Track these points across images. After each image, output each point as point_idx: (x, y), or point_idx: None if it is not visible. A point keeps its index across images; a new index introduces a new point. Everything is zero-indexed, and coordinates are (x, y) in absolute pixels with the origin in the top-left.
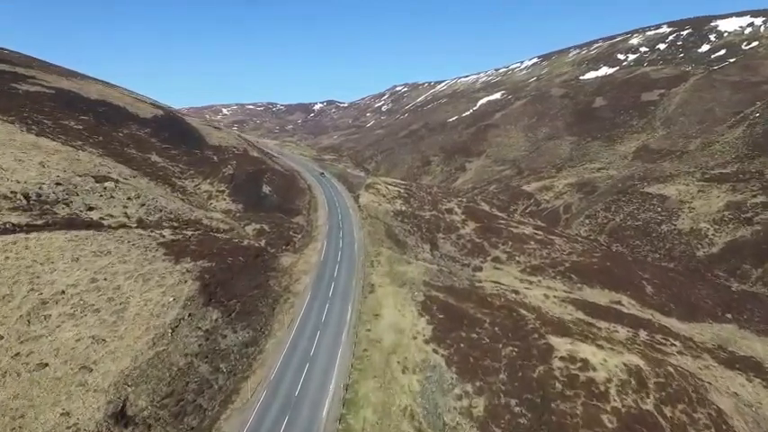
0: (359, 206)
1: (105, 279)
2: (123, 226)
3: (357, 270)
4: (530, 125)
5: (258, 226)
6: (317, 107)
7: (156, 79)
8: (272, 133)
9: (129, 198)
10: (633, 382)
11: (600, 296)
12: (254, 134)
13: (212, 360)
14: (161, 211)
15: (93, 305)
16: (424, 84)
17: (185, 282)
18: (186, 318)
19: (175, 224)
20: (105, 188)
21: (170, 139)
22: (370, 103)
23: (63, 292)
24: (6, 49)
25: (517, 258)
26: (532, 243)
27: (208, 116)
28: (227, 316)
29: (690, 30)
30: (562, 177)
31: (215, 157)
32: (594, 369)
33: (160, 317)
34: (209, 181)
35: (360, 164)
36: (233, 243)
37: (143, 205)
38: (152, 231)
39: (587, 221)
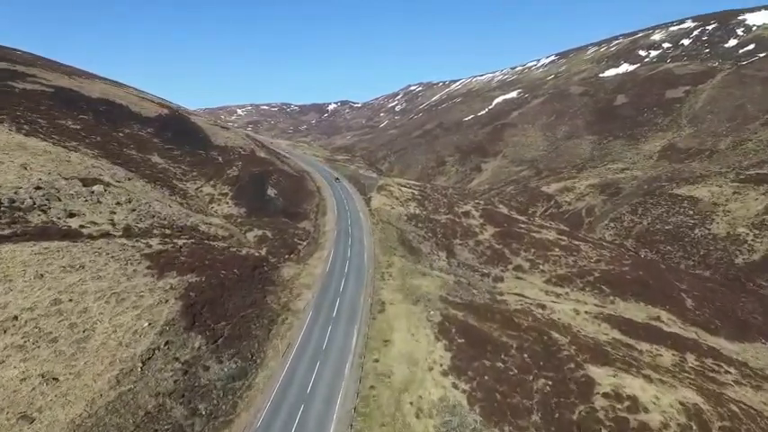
0: (370, 210)
1: (71, 300)
2: (106, 235)
3: (366, 284)
4: (548, 124)
5: (260, 232)
6: (330, 107)
7: (171, 81)
8: (286, 134)
9: (118, 203)
10: (695, 427)
11: (635, 311)
12: (267, 134)
13: (190, 400)
14: (153, 216)
15: (51, 333)
16: (438, 83)
17: (166, 302)
18: (162, 347)
19: (168, 231)
20: (93, 192)
21: (173, 139)
22: (383, 103)
23: (16, 318)
24: (17, 50)
25: (541, 267)
26: (556, 249)
27: (223, 117)
28: (213, 342)
29: (716, 24)
30: (583, 178)
31: (220, 158)
32: (646, 410)
33: (130, 347)
34: (212, 183)
35: (373, 164)
36: (230, 253)
37: (133, 210)
38: (138, 240)
39: (612, 225)
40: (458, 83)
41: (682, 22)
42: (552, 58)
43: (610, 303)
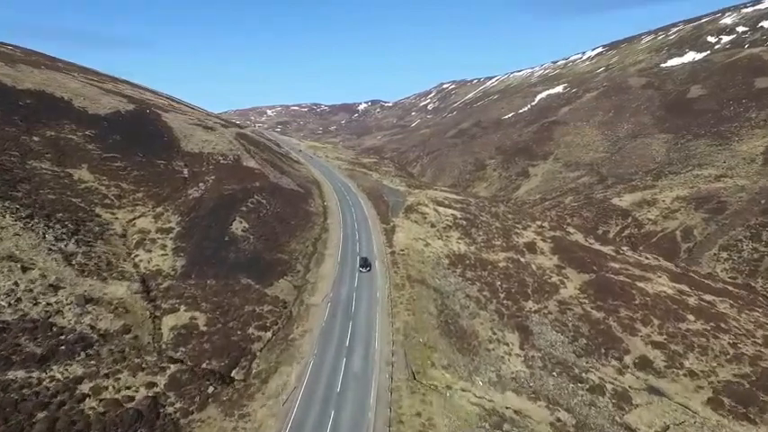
0: (392, 252)
1: None
2: None
3: None
4: (606, 121)
5: (188, 315)
6: (361, 107)
7: (207, 84)
8: (315, 134)
9: None
10: None
11: None
12: (297, 135)
13: None
14: None
15: None
16: (472, 80)
17: None
18: None
19: None
20: None
21: (122, 144)
22: (415, 101)
23: None
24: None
25: (684, 362)
26: (690, 317)
27: (253, 118)
28: None
29: None
30: (666, 188)
31: (185, 171)
32: None
33: None
34: (159, 210)
35: (403, 167)
36: (53, 415)
37: None
38: None
39: (726, 255)
40: (493, 79)
41: (757, 2)
42: (599, 49)
43: None
